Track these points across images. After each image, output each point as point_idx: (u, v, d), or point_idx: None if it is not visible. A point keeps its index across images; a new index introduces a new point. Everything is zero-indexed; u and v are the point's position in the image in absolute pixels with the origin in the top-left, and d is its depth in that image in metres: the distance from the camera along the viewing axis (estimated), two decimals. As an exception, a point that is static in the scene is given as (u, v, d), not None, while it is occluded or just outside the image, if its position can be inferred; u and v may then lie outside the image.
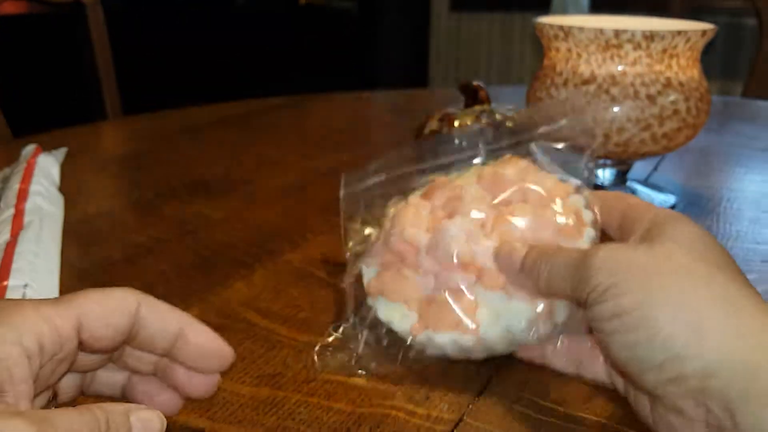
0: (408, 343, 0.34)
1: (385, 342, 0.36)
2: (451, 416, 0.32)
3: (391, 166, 0.39)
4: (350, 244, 0.39)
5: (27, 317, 0.22)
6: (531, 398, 0.33)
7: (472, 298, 0.33)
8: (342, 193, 0.39)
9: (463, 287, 0.33)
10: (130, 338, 0.26)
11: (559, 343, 0.34)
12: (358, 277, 0.40)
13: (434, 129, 0.55)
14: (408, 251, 0.35)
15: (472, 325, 0.33)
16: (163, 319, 0.26)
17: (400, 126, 0.89)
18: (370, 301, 0.36)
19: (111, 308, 0.25)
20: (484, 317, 0.33)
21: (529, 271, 0.31)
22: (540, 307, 0.32)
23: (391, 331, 0.35)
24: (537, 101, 0.57)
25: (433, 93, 1.35)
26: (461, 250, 0.33)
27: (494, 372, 0.35)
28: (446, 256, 0.34)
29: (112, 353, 0.27)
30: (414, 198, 0.38)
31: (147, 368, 0.28)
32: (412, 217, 0.36)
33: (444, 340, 0.33)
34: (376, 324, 0.36)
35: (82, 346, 0.24)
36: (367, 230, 0.39)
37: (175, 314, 0.27)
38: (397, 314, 0.35)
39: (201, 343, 0.27)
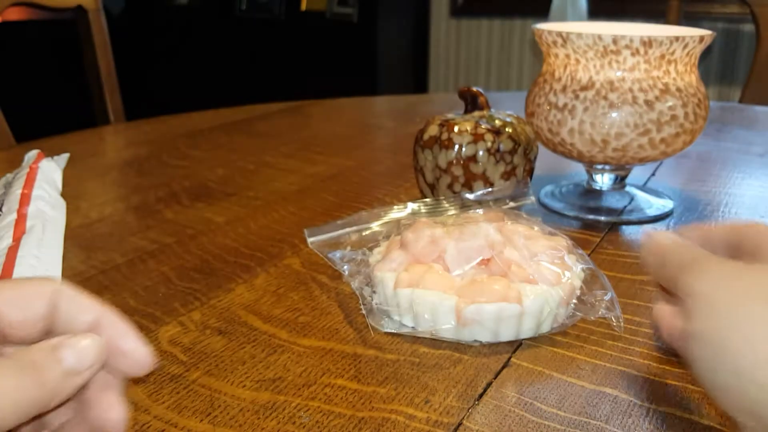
0: (452, 314, 0.37)
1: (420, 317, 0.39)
2: (451, 420, 0.32)
3: (350, 224, 0.47)
4: (345, 268, 0.43)
5: None
6: (530, 402, 0.33)
7: (507, 282, 0.38)
8: (309, 241, 0.47)
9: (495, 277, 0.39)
10: (48, 327, 0.25)
11: None
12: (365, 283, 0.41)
13: (434, 134, 0.56)
14: (434, 252, 0.39)
15: (516, 295, 0.37)
16: (79, 307, 0.25)
17: (400, 131, 0.89)
18: (401, 291, 0.39)
19: (25, 294, 0.24)
20: (524, 292, 0.37)
21: (648, 254, 0.31)
22: (562, 292, 0.38)
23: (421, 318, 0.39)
24: (536, 107, 0.58)
25: (432, 98, 1.35)
26: (493, 244, 0.39)
27: (493, 376, 0.35)
28: (478, 251, 0.39)
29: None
30: (422, 219, 0.43)
31: None
32: (431, 228, 0.41)
33: (492, 309, 0.37)
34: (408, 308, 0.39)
35: (3, 335, 0.24)
36: (376, 250, 0.44)
37: (93, 304, 0.25)
38: (437, 297, 0.38)
39: (113, 336, 0.25)
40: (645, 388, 0.34)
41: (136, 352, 0.25)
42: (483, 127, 0.55)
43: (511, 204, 0.49)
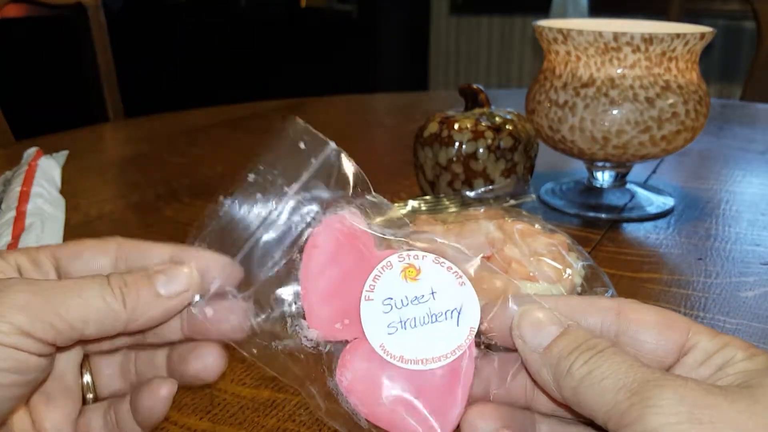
0: None
1: None
2: (451, 417, 0.32)
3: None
4: None
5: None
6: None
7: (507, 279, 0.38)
8: None
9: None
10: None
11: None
12: None
13: (434, 132, 0.56)
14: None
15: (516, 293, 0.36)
16: (150, 250, 0.25)
17: (400, 129, 0.89)
18: None
19: (86, 246, 0.25)
20: (525, 290, 0.37)
21: (552, 365, 0.22)
22: (563, 289, 0.37)
23: None
24: (536, 104, 0.58)
25: (433, 96, 1.35)
26: (493, 242, 0.39)
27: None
28: (478, 248, 0.38)
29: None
30: (422, 216, 0.43)
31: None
32: (431, 225, 0.41)
33: None
34: None
35: None
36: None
37: (161, 245, 0.25)
38: None
39: (200, 256, 0.25)
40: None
41: (223, 262, 0.25)
42: (483, 124, 0.55)
43: (512, 201, 0.49)
